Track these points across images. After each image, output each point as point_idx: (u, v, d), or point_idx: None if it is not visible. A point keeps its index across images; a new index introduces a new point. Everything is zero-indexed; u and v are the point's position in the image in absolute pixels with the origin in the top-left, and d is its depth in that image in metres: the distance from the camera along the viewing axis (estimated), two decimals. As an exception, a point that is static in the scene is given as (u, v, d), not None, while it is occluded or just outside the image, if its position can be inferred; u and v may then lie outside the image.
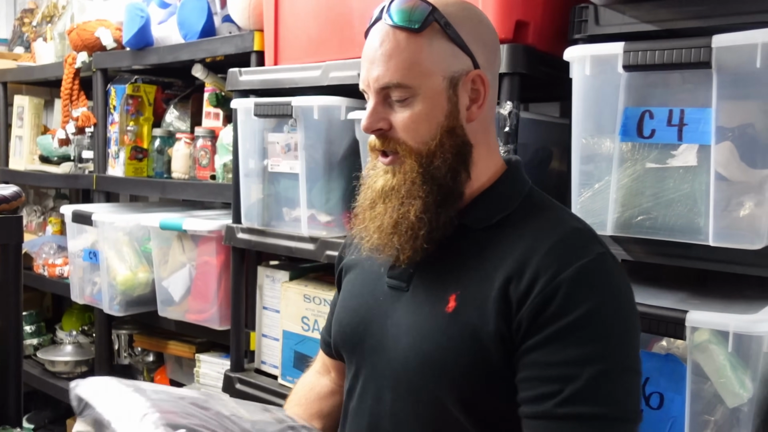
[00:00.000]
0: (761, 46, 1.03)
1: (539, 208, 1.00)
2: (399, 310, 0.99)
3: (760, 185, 1.09)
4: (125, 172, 2.43)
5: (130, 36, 2.22)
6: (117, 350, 2.65)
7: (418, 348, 0.95)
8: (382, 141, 0.97)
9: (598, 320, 0.87)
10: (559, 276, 0.87)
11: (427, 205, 0.94)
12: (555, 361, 0.86)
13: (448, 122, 0.95)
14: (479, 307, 0.92)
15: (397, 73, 0.93)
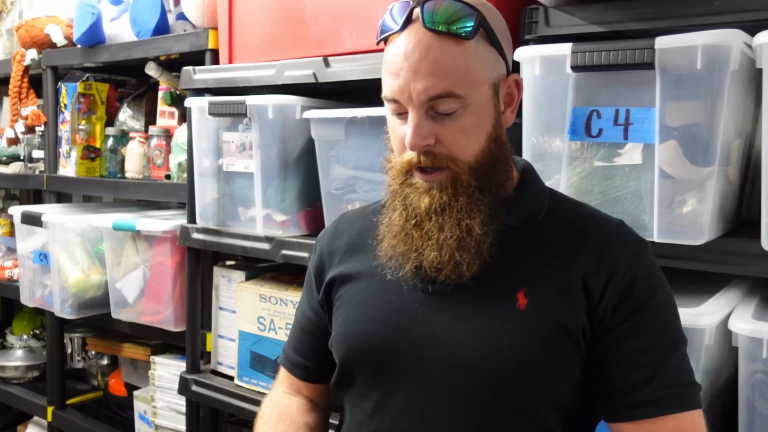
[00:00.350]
0: (701, 48, 1.07)
1: (570, 204, 1.02)
2: (447, 316, 0.93)
3: (702, 183, 1.13)
4: (77, 172, 2.38)
5: (81, 33, 2.17)
6: (70, 354, 2.60)
7: (492, 351, 0.89)
8: (429, 157, 0.90)
9: (668, 302, 0.93)
10: (633, 265, 0.91)
11: (486, 217, 0.91)
12: (643, 347, 0.89)
13: (495, 130, 0.92)
14: (556, 301, 0.90)
15: (450, 83, 0.86)
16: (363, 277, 1.01)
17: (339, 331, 1.01)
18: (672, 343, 0.91)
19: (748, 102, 1.24)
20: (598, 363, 0.91)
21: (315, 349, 1.10)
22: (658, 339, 0.90)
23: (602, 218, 0.98)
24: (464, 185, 0.90)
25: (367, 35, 1.54)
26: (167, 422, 2.09)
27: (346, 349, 0.99)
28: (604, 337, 0.90)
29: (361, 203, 1.55)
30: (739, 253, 1.12)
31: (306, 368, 1.12)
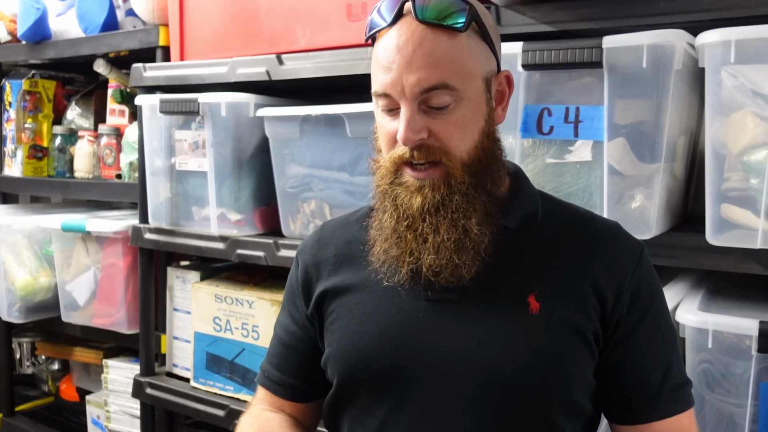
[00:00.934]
0: (647, 47, 1.10)
1: (562, 206, 1.00)
2: (455, 325, 0.89)
3: (649, 179, 1.16)
4: (23, 172, 2.31)
5: (26, 29, 2.11)
6: (18, 359, 2.53)
7: (508, 358, 0.86)
8: (421, 152, 0.86)
9: (664, 304, 0.95)
10: (638, 268, 0.91)
11: (482, 216, 0.88)
12: (654, 349, 0.91)
13: (488, 126, 0.89)
14: (569, 304, 0.88)
15: (444, 75, 0.83)
16: (358, 289, 0.95)
17: (337, 347, 0.95)
18: (672, 341, 0.94)
19: (692, 100, 1.28)
20: (613, 367, 0.91)
21: (301, 366, 1.03)
22: (664, 339, 0.92)
23: (601, 220, 0.98)
24: (458, 182, 0.86)
25: (321, 33, 1.53)
26: (121, 426, 2.05)
27: (346, 366, 0.93)
28: (620, 343, 0.90)
29: (317, 201, 1.55)
30: (685, 247, 1.15)
31: (291, 387, 1.04)
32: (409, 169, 0.87)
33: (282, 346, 1.05)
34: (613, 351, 0.90)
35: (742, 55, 1.05)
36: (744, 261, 1.10)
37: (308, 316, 1.02)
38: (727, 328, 1.07)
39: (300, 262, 1.05)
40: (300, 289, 1.03)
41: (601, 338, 0.90)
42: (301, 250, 1.06)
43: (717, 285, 1.32)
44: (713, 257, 1.12)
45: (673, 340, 0.94)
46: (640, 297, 0.91)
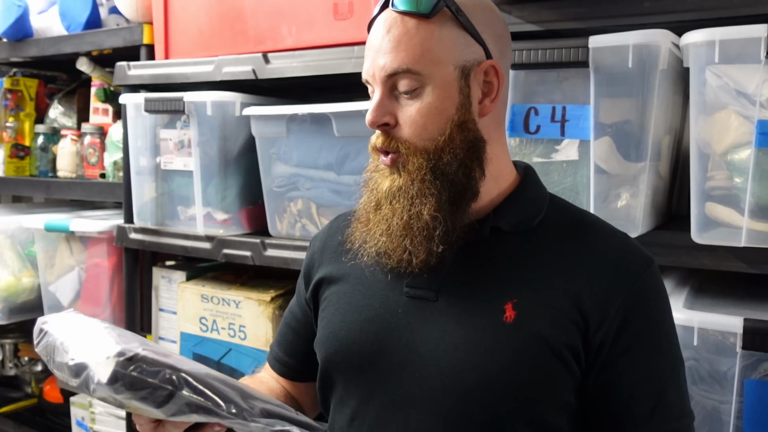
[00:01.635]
0: (632, 47, 1.10)
1: (570, 211, 0.95)
2: (430, 324, 0.88)
3: (635, 177, 1.17)
4: (5, 172, 2.29)
5: (7, 26, 2.08)
6: (1, 361, 2.50)
7: (475, 364, 0.84)
8: (384, 138, 0.88)
9: (667, 328, 0.88)
10: (632, 290, 0.85)
11: (440, 203, 0.86)
12: (646, 376, 0.84)
13: (459, 115, 0.87)
14: (546, 316, 0.84)
15: (407, 58, 0.84)
16: (350, 279, 0.97)
17: (322, 334, 0.97)
18: (672, 369, 0.87)
19: (677, 99, 1.29)
20: (598, 392, 0.85)
21: (298, 347, 1.08)
22: (660, 366, 0.86)
23: (604, 230, 0.91)
24: (416, 167, 0.86)
25: (308, 31, 1.53)
26: (106, 428, 2.04)
27: (327, 353, 0.95)
28: (605, 368, 0.84)
29: (304, 201, 1.54)
30: (670, 245, 1.16)
31: (287, 365, 1.09)
32: (382, 155, 0.90)
33: (285, 326, 1.10)
34: (597, 375, 0.84)
35: (726, 55, 1.06)
36: (728, 259, 1.11)
37: (307, 301, 1.05)
38: (712, 325, 1.08)
39: (310, 248, 1.08)
40: (304, 274, 1.07)
41: (583, 358, 0.84)
42: (315, 236, 1.10)
43: (702, 283, 1.34)
44: (698, 255, 1.13)
45: (673, 368, 0.87)
46: (633, 319, 0.84)
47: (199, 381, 0.77)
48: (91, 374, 0.73)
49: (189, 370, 0.77)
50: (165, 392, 0.74)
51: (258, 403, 0.83)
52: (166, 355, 0.78)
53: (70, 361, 0.75)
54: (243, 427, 0.80)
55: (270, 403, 0.86)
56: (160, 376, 0.74)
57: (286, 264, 1.53)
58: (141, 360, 0.74)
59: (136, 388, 0.73)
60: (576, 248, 0.88)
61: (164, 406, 0.74)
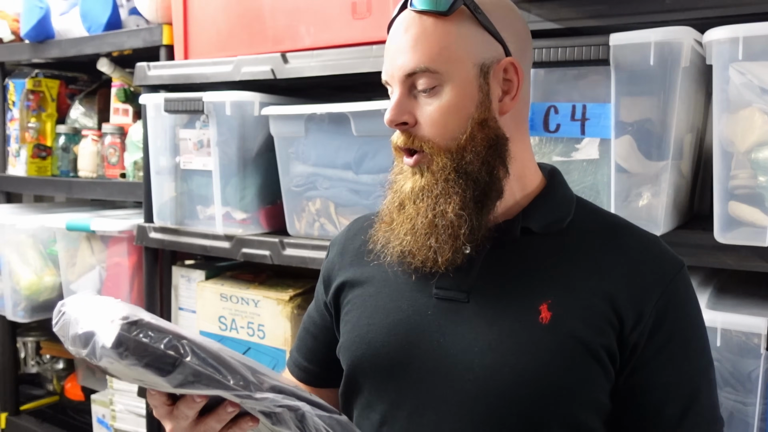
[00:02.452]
0: (654, 44, 1.09)
1: (598, 213, 0.95)
2: (462, 325, 0.87)
3: (656, 176, 1.16)
4: (27, 171, 2.31)
5: (29, 28, 2.11)
6: (23, 359, 2.53)
7: (511, 366, 0.83)
8: (406, 138, 0.88)
9: (701, 327, 0.88)
10: (667, 290, 0.85)
11: (465, 201, 0.85)
12: (678, 379, 0.84)
13: (479, 113, 0.86)
14: (582, 317, 0.83)
15: (425, 57, 0.84)
16: (374, 281, 0.96)
17: (347, 338, 0.95)
18: (704, 371, 0.87)
19: (699, 97, 1.28)
20: (630, 393, 0.85)
21: (316, 352, 1.07)
22: (693, 368, 0.86)
23: (635, 233, 0.91)
24: (440, 167, 0.86)
25: (326, 31, 1.53)
26: (127, 426, 2.05)
27: (353, 357, 0.93)
28: (638, 368, 0.84)
29: (322, 200, 1.55)
30: (693, 245, 1.15)
31: (306, 370, 1.08)
32: (406, 157, 0.89)
33: (304, 330, 1.09)
34: (630, 376, 0.84)
35: (750, 52, 1.04)
36: (752, 259, 1.09)
37: (326, 304, 1.04)
38: (735, 326, 1.06)
39: (329, 252, 1.07)
40: (323, 277, 1.05)
41: (618, 359, 0.84)
42: (333, 240, 1.08)
43: (724, 283, 1.32)
44: (721, 255, 1.12)
45: (705, 372, 0.87)
46: (666, 320, 0.84)
47: (205, 351, 0.75)
48: (97, 340, 0.72)
49: (195, 339, 0.76)
50: (170, 359, 0.72)
51: (268, 380, 0.81)
52: (175, 328, 0.77)
53: (80, 330, 0.75)
54: (250, 400, 0.78)
55: (282, 382, 0.84)
56: (166, 342, 0.73)
57: (304, 263, 1.54)
58: (145, 325, 0.73)
59: (140, 353, 0.72)
60: (609, 249, 0.88)
61: (170, 374, 0.73)
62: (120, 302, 0.79)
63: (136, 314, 0.74)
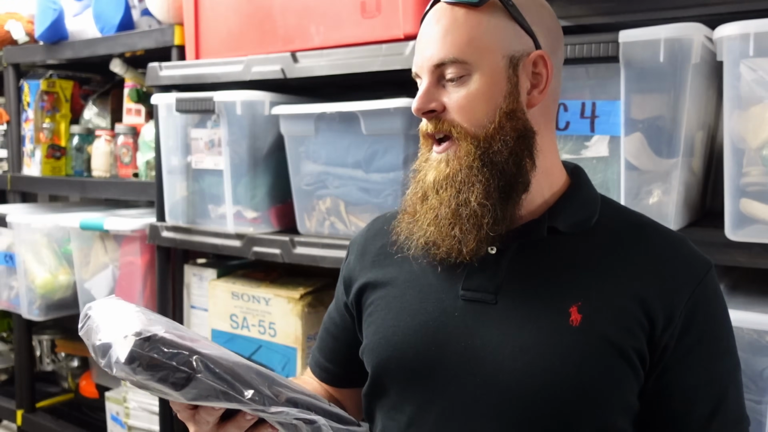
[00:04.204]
0: (664, 41, 1.09)
1: (624, 212, 0.93)
2: (491, 327, 0.86)
3: (667, 174, 1.15)
4: (42, 171, 2.34)
5: (43, 29, 2.13)
6: (39, 356, 2.56)
7: (542, 368, 0.82)
8: (434, 123, 0.87)
9: (728, 330, 0.87)
10: (697, 290, 0.84)
11: (488, 191, 0.84)
12: (706, 379, 0.84)
13: (508, 104, 0.86)
14: (613, 319, 0.82)
15: (454, 47, 0.85)
16: (398, 283, 0.95)
17: (372, 340, 0.94)
18: (732, 371, 0.86)
19: (710, 94, 1.27)
20: (659, 394, 0.84)
21: (338, 353, 1.07)
22: (721, 368, 0.85)
23: (663, 232, 0.90)
24: (464, 153, 0.85)
25: (336, 30, 1.53)
26: (140, 423, 2.07)
27: (379, 359, 0.92)
28: (668, 369, 0.83)
29: (332, 199, 1.55)
30: (704, 243, 1.14)
31: (328, 371, 1.08)
32: (435, 144, 0.89)
33: (324, 331, 1.09)
34: (660, 377, 0.84)
35: (761, 48, 1.04)
36: (764, 256, 1.08)
37: (346, 305, 1.03)
38: (747, 324, 1.06)
39: (349, 252, 1.06)
40: (344, 279, 1.05)
41: (648, 361, 0.83)
42: (352, 240, 1.08)
43: (736, 281, 1.31)
44: (732, 252, 1.11)
45: (733, 372, 0.86)
46: (695, 321, 0.84)
47: (219, 366, 0.76)
48: (112, 353, 0.74)
49: (210, 354, 0.77)
50: (183, 375, 0.73)
51: (286, 392, 0.82)
52: (193, 339, 0.78)
53: (98, 341, 0.76)
54: (265, 413, 0.79)
55: (301, 393, 0.85)
56: (178, 358, 0.74)
57: (314, 261, 1.54)
58: (159, 341, 0.74)
59: (153, 369, 0.73)
60: (637, 250, 0.87)
61: (183, 389, 0.74)
62: (141, 312, 0.80)
63: (150, 329, 0.75)
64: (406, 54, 1.38)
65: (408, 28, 1.40)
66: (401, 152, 1.42)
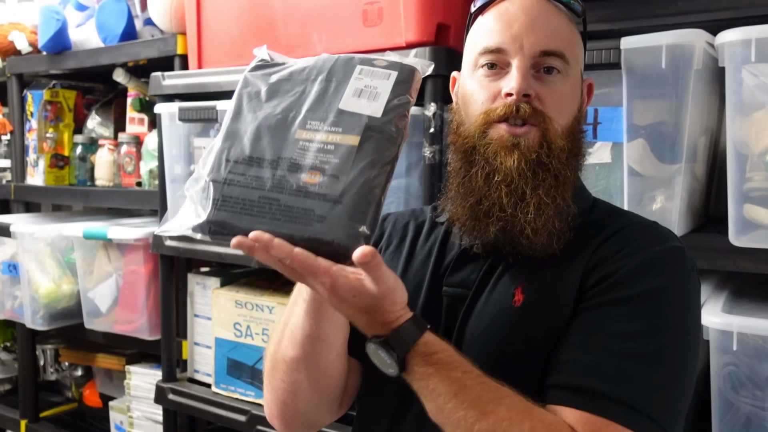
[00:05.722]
0: (666, 47, 1.09)
1: (612, 211, 0.94)
2: (466, 322, 0.89)
3: (670, 180, 1.15)
4: (45, 181, 2.34)
5: (47, 40, 2.14)
6: (42, 366, 2.56)
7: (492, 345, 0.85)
8: (527, 107, 0.83)
9: (657, 304, 0.79)
10: (630, 254, 0.81)
11: (572, 192, 0.87)
12: (597, 330, 0.78)
13: (579, 113, 0.89)
14: (552, 296, 0.83)
15: (563, 44, 0.86)
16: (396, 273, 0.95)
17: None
18: (635, 337, 0.77)
19: (712, 100, 1.27)
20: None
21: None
22: (622, 328, 0.78)
23: (639, 220, 0.90)
24: (558, 147, 0.84)
25: (337, 38, 1.54)
26: (144, 432, 2.07)
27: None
28: (575, 315, 0.81)
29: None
30: (708, 248, 1.14)
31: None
32: (504, 125, 0.84)
33: None
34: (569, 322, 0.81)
35: (763, 53, 1.04)
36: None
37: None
38: (752, 330, 1.05)
39: (384, 224, 1.06)
40: (376, 237, 1.04)
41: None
42: (387, 217, 1.07)
43: (740, 286, 1.31)
44: (736, 258, 1.11)
45: (646, 346, 0.77)
46: (613, 275, 0.80)
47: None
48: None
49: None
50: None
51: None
52: None
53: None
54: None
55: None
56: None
57: (318, 270, 1.54)
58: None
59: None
60: (597, 234, 0.86)
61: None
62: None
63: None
64: (408, 62, 1.39)
65: (410, 36, 1.40)
66: (404, 159, 1.42)
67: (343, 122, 0.77)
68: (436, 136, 1.36)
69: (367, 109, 0.78)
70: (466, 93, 0.90)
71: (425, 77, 1.34)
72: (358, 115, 0.77)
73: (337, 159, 0.75)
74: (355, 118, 0.77)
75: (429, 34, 1.37)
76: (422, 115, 1.35)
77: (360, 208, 0.73)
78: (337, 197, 0.74)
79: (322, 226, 0.73)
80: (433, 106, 1.35)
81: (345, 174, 0.75)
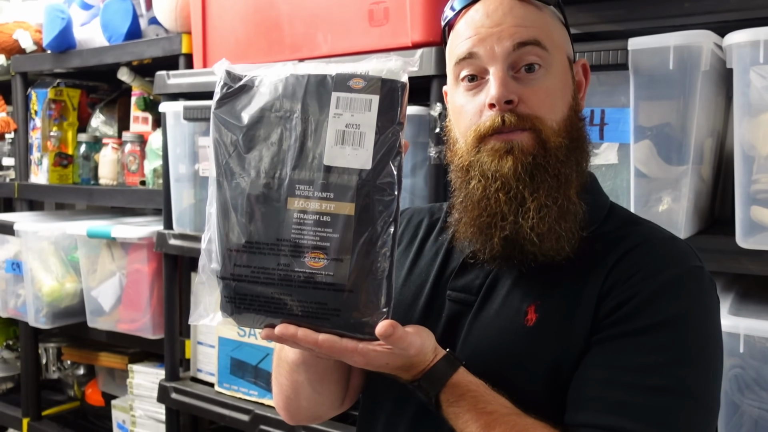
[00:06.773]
0: (673, 48, 1.09)
1: (629, 221, 0.89)
2: (470, 329, 0.88)
3: (676, 181, 1.15)
4: (49, 180, 2.34)
5: (51, 38, 2.14)
6: (45, 364, 2.56)
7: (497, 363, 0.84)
8: (513, 117, 0.80)
9: (678, 333, 0.77)
10: (647, 278, 0.78)
11: (577, 189, 0.83)
12: (619, 364, 0.76)
13: (574, 102, 0.86)
14: (567, 316, 0.81)
15: (537, 32, 0.82)
16: (402, 275, 0.95)
17: None
18: (658, 371, 0.75)
19: (719, 101, 1.27)
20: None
21: None
22: (642, 361, 0.76)
23: (656, 234, 0.85)
24: (555, 146, 0.81)
25: (343, 38, 1.54)
26: (146, 431, 2.07)
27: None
28: (589, 347, 0.79)
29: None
30: (714, 250, 1.14)
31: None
32: (493, 137, 0.82)
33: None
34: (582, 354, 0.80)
35: (771, 55, 1.04)
36: (775, 264, 1.08)
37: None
38: (758, 332, 1.05)
39: (402, 217, 1.06)
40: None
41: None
42: (405, 211, 1.06)
43: (747, 288, 1.30)
44: (743, 260, 1.11)
45: (668, 379, 0.75)
46: (631, 302, 0.77)
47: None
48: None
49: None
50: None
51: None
52: None
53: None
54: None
55: None
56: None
57: (322, 269, 1.54)
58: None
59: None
60: (614, 247, 0.83)
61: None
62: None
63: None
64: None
65: (416, 36, 1.40)
66: (410, 160, 1.42)
67: (332, 185, 0.73)
68: (441, 136, 1.35)
69: (354, 161, 0.73)
70: (455, 109, 0.88)
71: (430, 77, 1.34)
72: (347, 172, 0.73)
73: (337, 234, 0.72)
74: (344, 177, 0.73)
75: (435, 34, 1.37)
76: (427, 115, 1.35)
77: (372, 294, 0.73)
78: (347, 286, 0.72)
79: (339, 320, 0.73)
80: (439, 106, 1.34)
81: (347, 253, 0.72)
